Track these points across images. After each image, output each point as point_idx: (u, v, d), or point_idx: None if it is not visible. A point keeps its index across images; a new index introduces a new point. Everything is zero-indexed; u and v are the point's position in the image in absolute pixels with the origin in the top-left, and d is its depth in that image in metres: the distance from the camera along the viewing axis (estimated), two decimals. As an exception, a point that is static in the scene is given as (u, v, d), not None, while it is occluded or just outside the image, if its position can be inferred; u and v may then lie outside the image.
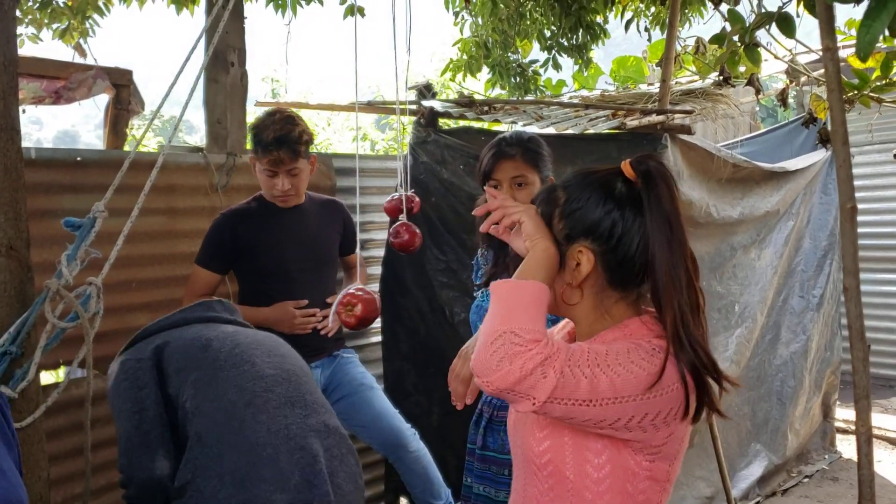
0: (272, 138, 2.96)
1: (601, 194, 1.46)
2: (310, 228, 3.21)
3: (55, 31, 4.85)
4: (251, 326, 2.57)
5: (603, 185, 1.47)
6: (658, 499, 1.45)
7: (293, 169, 3.04)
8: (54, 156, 3.10)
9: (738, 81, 3.99)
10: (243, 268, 3.17)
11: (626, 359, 1.34)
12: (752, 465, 4.45)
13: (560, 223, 1.47)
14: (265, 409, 2.01)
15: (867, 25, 1.03)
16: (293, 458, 1.92)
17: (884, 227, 7.02)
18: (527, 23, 5.44)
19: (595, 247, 1.45)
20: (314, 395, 2.19)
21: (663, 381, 1.35)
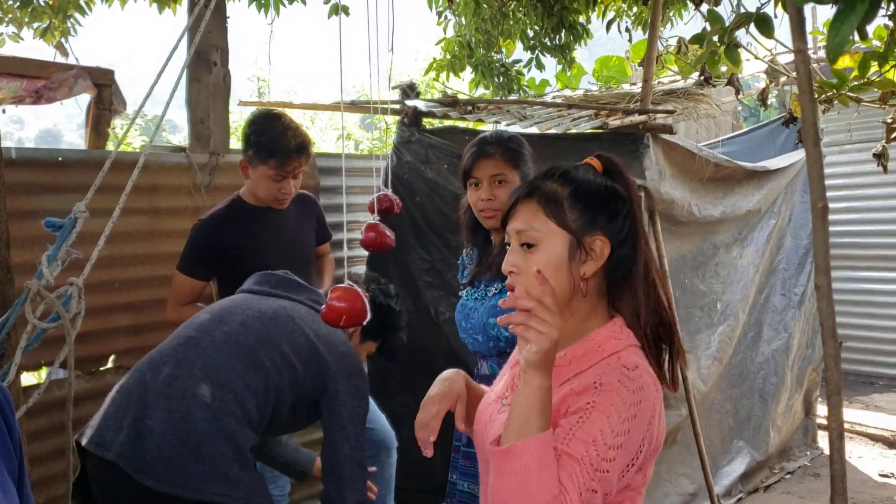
0: (294, 145, 2.95)
1: (604, 189, 1.48)
2: (290, 228, 3.21)
3: (36, 31, 4.81)
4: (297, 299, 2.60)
5: (598, 181, 1.49)
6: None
7: (298, 171, 3.05)
8: (35, 156, 3.09)
9: (719, 81, 4.02)
10: (227, 272, 3.09)
11: (622, 413, 1.32)
12: (734, 461, 4.48)
13: (573, 214, 1.45)
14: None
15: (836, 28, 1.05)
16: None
17: (863, 226, 7.09)
18: (510, 23, 5.45)
19: (609, 237, 1.45)
20: (215, 368, 2.24)
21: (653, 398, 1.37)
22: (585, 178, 1.49)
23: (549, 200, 1.46)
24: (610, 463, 1.30)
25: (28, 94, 3.60)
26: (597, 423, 1.31)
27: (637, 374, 1.37)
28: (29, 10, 4.67)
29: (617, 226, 1.46)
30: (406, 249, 3.99)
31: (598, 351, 1.43)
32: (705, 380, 4.09)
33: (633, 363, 1.39)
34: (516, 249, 1.47)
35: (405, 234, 3.97)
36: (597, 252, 1.44)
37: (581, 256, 1.44)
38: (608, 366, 1.39)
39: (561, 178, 1.49)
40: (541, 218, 1.45)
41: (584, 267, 1.44)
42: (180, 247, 3.27)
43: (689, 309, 4.01)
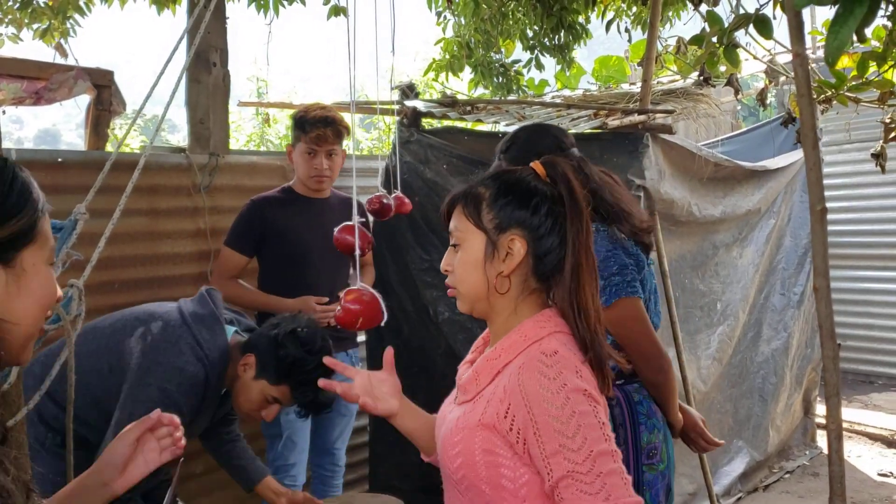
0: (320, 117, 3.18)
1: (527, 187, 1.52)
2: (332, 221, 3.26)
3: (36, 32, 4.82)
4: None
5: (526, 180, 1.53)
6: None
7: (332, 150, 3.21)
8: (35, 157, 3.09)
9: (719, 81, 4.02)
10: (268, 252, 3.25)
11: (559, 401, 1.36)
12: (734, 461, 4.49)
13: (489, 214, 1.51)
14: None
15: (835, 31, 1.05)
16: None
17: (862, 226, 7.10)
18: (509, 23, 5.45)
19: (526, 235, 1.49)
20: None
21: (575, 364, 1.41)
22: (510, 179, 1.54)
23: (468, 202, 1.53)
24: (585, 455, 1.32)
25: (28, 95, 3.60)
26: (547, 433, 1.35)
27: (554, 361, 1.40)
28: (29, 12, 4.67)
29: (536, 222, 1.49)
30: (405, 249, 3.99)
31: (521, 339, 1.48)
32: (705, 380, 4.09)
33: (552, 349, 1.43)
34: (450, 249, 1.57)
35: (404, 233, 3.98)
36: (513, 251, 1.49)
37: (496, 255, 1.49)
38: (528, 354, 1.44)
39: (489, 180, 1.56)
40: (462, 218, 1.54)
41: (501, 266, 1.50)
42: (180, 248, 3.27)
43: (689, 309, 4.01)
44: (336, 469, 3.42)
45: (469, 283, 1.52)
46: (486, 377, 1.51)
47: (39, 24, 4.77)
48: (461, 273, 1.53)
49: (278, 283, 3.22)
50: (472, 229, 1.51)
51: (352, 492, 4.11)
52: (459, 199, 1.56)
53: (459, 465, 1.47)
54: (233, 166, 3.67)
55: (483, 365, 1.53)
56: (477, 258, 1.50)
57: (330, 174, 3.25)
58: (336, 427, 3.37)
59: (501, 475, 1.42)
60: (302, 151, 3.22)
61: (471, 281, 1.51)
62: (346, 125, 3.25)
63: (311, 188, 3.27)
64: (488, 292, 1.51)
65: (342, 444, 3.42)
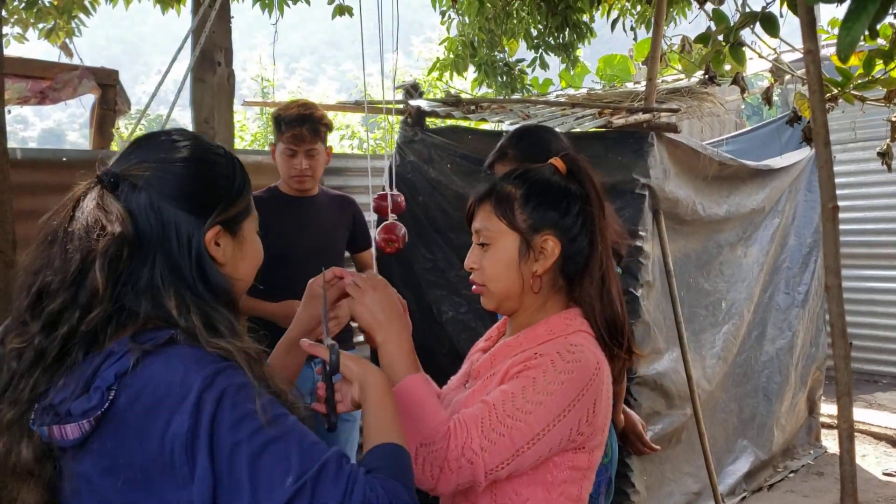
0: (295, 115, 3.11)
1: (558, 188, 1.53)
2: (320, 220, 3.26)
3: (41, 31, 4.81)
4: None
5: (555, 181, 1.54)
6: (578, 486, 1.49)
7: (312, 149, 3.14)
8: (40, 156, 3.09)
9: (724, 80, 4.02)
10: None
11: (550, 378, 1.39)
12: (738, 460, 4.48)
13: (522, 214, 1.51)
14: None
15: (847, 28, 1.05)
16: None
17: (867, 225, 7.08)
18: (513, 22, 5.44)
19: (559, 235, 1.51)
20: None
21: (590, 373, 1.42)
22: (539, 178, 1.55)
23: (500, 201, 1.53)
24: (524, 414, 1.36)
25: (33, 95, 3.61)
26: (521, 381, 1.40)
27: (577, 350, 1.43)
28: (34, 11, 4.66)
29: (568, 223, 1.51)
30: (409, 248, 3.99)
31: (547, 333, 1.50)
32: (710, 379, 4.08)
33: (578, 342, 1.46)
34: (476, 248, 1.56)
35: (408, 233, 3.97)
36: (547, 251, 1.50)
37: (531, 255, 1.50)
38: (554, 343, 1.46)
39: (518, 179, 1.55)
40: (493, 219, 1.53)
41: (535, 265, 1.51)
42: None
43: (694, 308, 4.01)
44: None
45: (502, 283, 1.52)
46: (502, 359, 1.53)
47: (45, 23, 4.76)
48: (493, 272, 1.53)
49: (264, 284, 3.17)
50: (505, 229, 1.52)
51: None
52: (487, 198, 1.55)
53: None
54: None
55: (501, 349, 1.55)
56: (511, 258, 1.51)
57: (311, 174, 3.17)
58: (341, 434, 3.28)
59: None
60: (282, 151, 3.16)
61: (504, 280, 1.52)
62: (327, 122, 3.19)
63: (294, 188, 3.21)
64: (522, 292, 1.52)
65: (351, 450, 3.34)
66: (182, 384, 1.06)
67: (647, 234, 3.47)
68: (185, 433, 1.04)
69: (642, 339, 3.48)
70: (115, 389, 1.07)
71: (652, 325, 3.54)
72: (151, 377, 1.07)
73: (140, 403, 1.07)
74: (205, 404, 1.05)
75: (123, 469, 1.08)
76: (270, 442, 1.06)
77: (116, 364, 1.09)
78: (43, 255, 1.16)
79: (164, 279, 1.15)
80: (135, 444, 1.07)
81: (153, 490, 1.07)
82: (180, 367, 1.08)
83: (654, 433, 3.64)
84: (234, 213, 1.27)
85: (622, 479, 3.49)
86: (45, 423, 1.10)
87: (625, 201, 3.46)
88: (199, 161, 1.24)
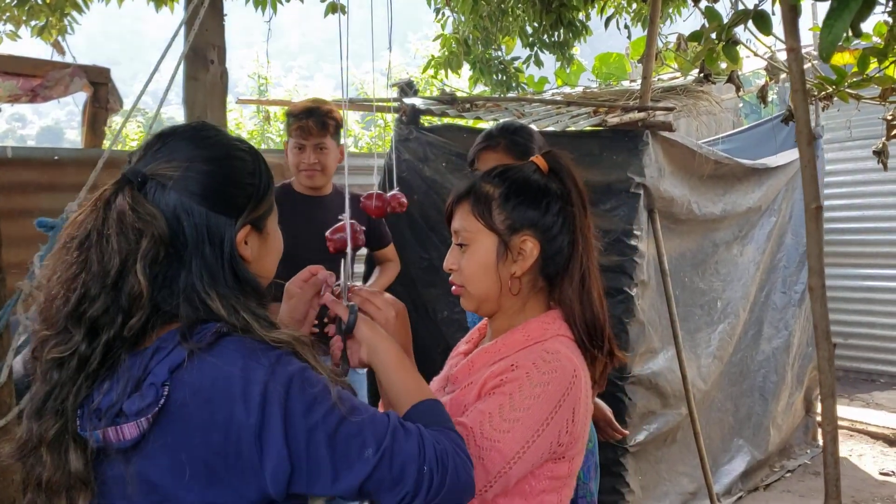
0: (303, 109, 3.16)
1: (537, 186, 1.50)
2: (329, 219, 3.21)
3: (33, 29, 4.79)
4: None
5: (535, 179, 1.52)
6: (558, 495, 1.47)
7: (320, 143, 3.15)
8: (31, 155, 3.08)
9: (719, 78, 4.00)
10: None
11: (526, 392, 1.37)
12: (734, 460, 4.47)
13: (501, 214, 1.49)
14: None
15: (829, 26, 1.04)
16: None
17: (864, 223, 7.07)
18: (508, 19, 5.43)
19: (538, 235, 1.48)
20: None
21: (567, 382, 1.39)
22: (519, 177, 1.52)
23: (478, 201, 1.50)
24: (503, 434, 1.34)
25: (24, 93, 3.59)
26: (498, 399, 1.37)
27: (554, 359, 1.40)
28: (26, 9, 4.64)
29: (548, 222, 1.49)
30: (404, 248, 3.98)
31: (524, 339, 1.47)
32: (705, 378, 4.07)
33: (555, 349, 1.43)
34: (454, 248, 1.54)
35: (403, 232, 3.96)
36: (525, 252, 1.48)
37: (509, 256, 1.48)
38: (531, 351, 1.43)
39: (497, 178, 1.52)
40: (471, 218, 1.50)
41: (514, 266, 1.48)
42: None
43: (690, 307, 3.99)
44: None
45: (480, 285, 1.50)
46: (480, 366, 1.50)
47: (37, 21, 4.75)
48: (471, 274, 1.50)
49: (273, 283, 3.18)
50: (483, 230, 1.49)
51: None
52: (465, 197, 1.52)
53: None
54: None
55: (480, 355, 1.53)
56: (488, 259, 1.48)
57: (320, 168, 3.17)
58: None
59: None
60: (292, 146, 3.19)
61: (482, 282, 1.49)
62: (336, 117, 3.19)
63: (304, 184, 3.22)
64: (500, 293, 1.50)
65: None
66: (243, 376, 1.08)
67: (642, 233, 3.45)
68: (253, 424, 1.06)
69: (637, 339, 3.47)
70: (168, 385, 1.08)
71: (647, 325, 3.53)
72: (209, 370, 1.08)
73: (199, 397, 1.08)
74: (272, 394, 1.07)
75: (188, 464, 1.08)
76: (343, 420, 1.10)
77: (167, 359, 1.09)
78: (78, 258, 1.15)
79: (203, 280, 1.16)
80: (196, 439, 1.07)
81: (220, 483, 1.08)
82: (238, 358, 1.10)
83: (649, 433, 3.63)
84: (262, 212, 1.29)
85: (617, 478, 3.48)
86: (99, 427, 1.09)
87: (619, 200, 3.45)
88: (228, 159, 1.24)
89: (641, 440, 3.58)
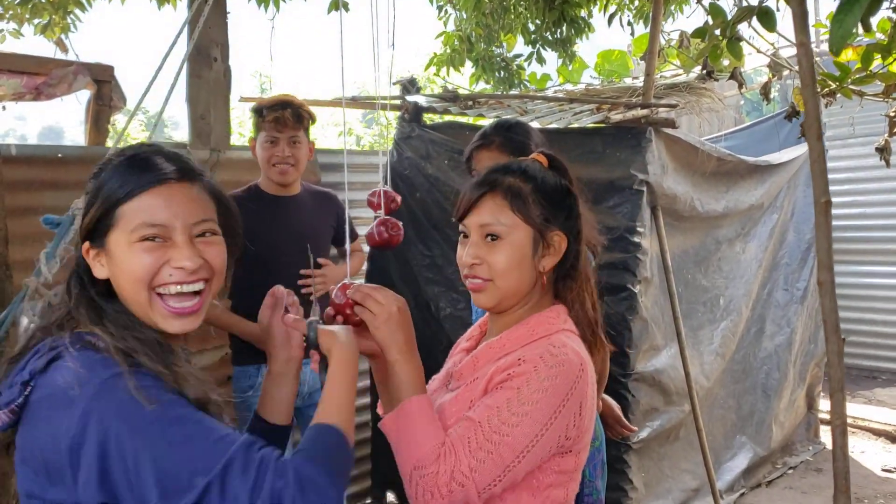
0: (277, 101, 3.06)
1: (559, 186, 1.55)
2: (303, 219, 3.16)
3: (36, 27, 4.80)
4: None
5: (556, 179, 1.55)
6: (564, 489, 1.48)
7: (295, 136, 3.04)
8: (35, 152, 3.08)
9: (722, 75, 4.00)
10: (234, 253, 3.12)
11: (534, 386, 1.37)
12: (737, 457, 4.48)
13: (537, 209, 1.50)
14: None
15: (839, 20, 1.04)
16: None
17: (866, 220, 7.07)
18: (511, 17, 5.43)
19: (566, 232, 1.52)
20: None
21: (574, 376, 1.41)
22: (543, 176, 1.55)
23: (514, 195, 1.50)
24: (511, 428, 1.35)
25: (28, 91, 3.59)
26: (506, 393, 1.38)
27: (560, 353, 1.42)
28: (29, 7, 4.65)
29: (571, 223, 1.53)
30: (406, 245, 3.98)
31: (530, 334, 1.49)
32: (708, 375, 4.08)
33: (561, 343, 1.44)
34: (479, 242, 1.52)
35: (405, 229, 3.95)
36: (555, 247, 1.51)
37: (542, 251, 1.50)
38: (537, 346, 1.45)
39: (522, 175, 1.54)
40: (507, 212, 1.50)
41: (544, 261, 1.51)
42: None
43: (692, 304, 4.00)
44: None
45: (512, 278, 1.49)
46: (486, 362, 1.51)
47: (40, 19, 4.75)
48: (505, 267, 1.49)
49: (245, 287, 3.10)
50: (519, 223, 1.49)
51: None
52: (494, 191, 1.52)
53: None
54: (234, 162, 3.66)
55: (485, 351, 1.54)
56: (524, 253, 1.49)
57: (293, 163, 3.06)
58: None
59: None
60: (263, 141, 3.05)
61: (515, 275, 1.49)
62: (309, 112, 3.11)
63: (275, 181, 3.09)
64: (530, 288, 1.52)
65: None
66: (76, 388, 1.08)
67: (645, 230, 3.45)
68: (70, 437, 1.06)
69: (640, 336, 3.47)
70: (31, 385, 1.13)
71: (650, 322, 3.53)
72: (55, 378, 1.11)
73: (46, 402, 1.11)
74: (93, 412, 1.06)
75: (31, 461, 1.12)
76: (175, 443, 1.06)
77: (35, 362, 1.14)
78: None
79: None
80: (38, 441, 1.11)
81: (52, 486, 1.10)
82: (80, 370, 1.10)
83: (652, 430, 3.63)
84: (91, 227, 1.26)
85: (620, 475, 3.48)
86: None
87: (623, 197, 3.45)
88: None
89: (645, 437, 3.58)
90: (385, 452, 4.10)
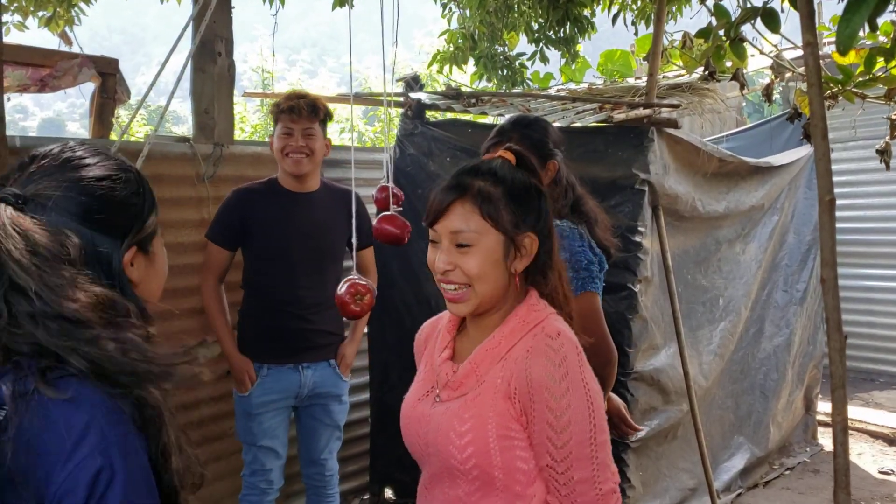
0: (293, 94, 3.13)
1: (529, 186, 1.56)
2: (318, 216, 3.17)
3: (41, 19, 4.81)
4: None
5: (527, 179, 1.58)
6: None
7: (309, 129, 3.07)
8: (38, 144, 3.09)
9: (724, 76, 4.01)
10: (247, 248, 3.16)
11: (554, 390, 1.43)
12: (734, 457, 4.49)
13: (508, 214, 1.51)
14: None
15: (847, 20, 1.04)
16: None
17: (865, 223, 7.09)
18: (514, 15, 5.43)
19: (537, 232, 1.54)
20: None
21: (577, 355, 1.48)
22: (513, 177, 1.55)
23: (484, 200, 1.50)
24: (566, 443, 1.42)
25: (33, 83, 3.60)
26: (538, 419, 1.44)
27: (559, 344, 1.47)
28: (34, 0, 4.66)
29: (542, 223, 1.55)
30: (408, 241, 3.99)
31: (522, 325, 1.52)
32: (706, 375, 4.09)
33: (556, 330, 1.49)
34: (450, 248, 1.52)
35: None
36: (527, 249, 1.53)
37: (514, 253, 1.52)
38: (535, 337, 1.49)
39: (491, 177, 1.53)
40: (476, 218, 1.50)
41: (516, 263, 1.53)
42: (184, 237, 3.25)
43: (692, 304, 4.01)
44: (327, 478, 3.29)
45: (491, 283, 1.51)
46: (488, 366, 1.52)
47: (45, 11, 4.76)
48: (480, 272, 1.50)
49: (258, 280, 3.14)
50: (490, 229, 1.50)
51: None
52: (462, 196, 1.51)
53: (470, 455, 1.47)
54: (237, 157, 3.67)
55: (482, 356, 1.53)
56: (497, 257, 1.50)
57: (308, 153, 3.07)
58: (322, 438, 3.26)
59: (517, 457, 1.46)
60: (279, 133, 3.08)
61: (491, 280, 1.51)
62: (325, 107, 3.15)
63: (289, 171, 3.10)
64: (507, 286, 1.54)
65: (330, 454, 3.29)
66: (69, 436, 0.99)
67: (646, 229, 3.46)
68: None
69: (640, 335, 3.48)
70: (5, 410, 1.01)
71: (650, 321, 3.54)
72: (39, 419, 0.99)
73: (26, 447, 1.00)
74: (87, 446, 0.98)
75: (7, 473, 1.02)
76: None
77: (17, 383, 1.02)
78: None
79: None
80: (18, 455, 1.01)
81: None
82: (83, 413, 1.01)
83: (650, 429, 3.65)
84: (148, 233, 1.27)
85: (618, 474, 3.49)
86: None
87: (624, 196, 3.45)
88: (107, 179, 1.20)
89: (642, 436, 3.59)
90: (383, 448, 4.11)
